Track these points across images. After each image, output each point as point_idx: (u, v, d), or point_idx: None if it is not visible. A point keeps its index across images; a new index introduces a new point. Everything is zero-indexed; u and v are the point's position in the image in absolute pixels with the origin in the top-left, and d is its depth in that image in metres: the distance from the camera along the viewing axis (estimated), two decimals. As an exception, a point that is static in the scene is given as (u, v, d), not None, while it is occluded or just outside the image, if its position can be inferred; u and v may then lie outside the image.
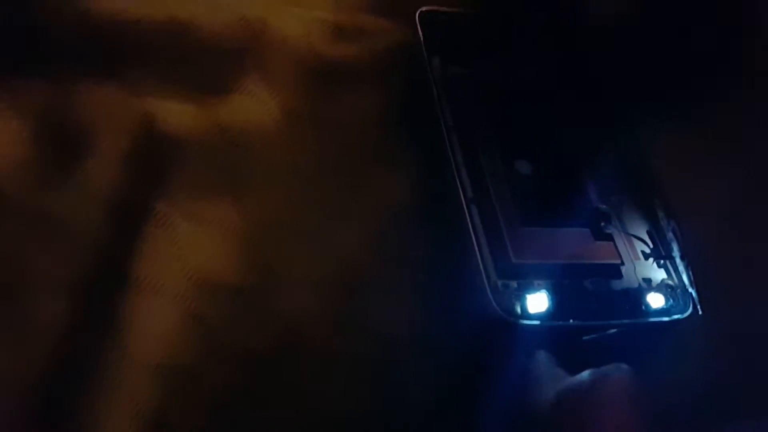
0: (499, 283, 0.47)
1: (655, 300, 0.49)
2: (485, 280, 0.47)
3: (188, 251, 0.48)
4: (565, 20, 0.61)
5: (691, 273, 0.50)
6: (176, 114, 0.51)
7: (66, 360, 0.44)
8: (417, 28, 0.58)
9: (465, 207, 0.50)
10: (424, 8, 0.59)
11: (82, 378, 0.44)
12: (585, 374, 0.39)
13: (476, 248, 0.48)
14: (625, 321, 0.48)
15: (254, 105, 0.52)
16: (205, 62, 0.53)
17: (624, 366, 0.39)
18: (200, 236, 0.49)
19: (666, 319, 0.48)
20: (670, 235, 0.52)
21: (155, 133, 0.50)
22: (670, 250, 0.52)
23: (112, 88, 0.51)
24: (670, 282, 0.50)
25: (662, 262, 0.51)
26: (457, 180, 0.51)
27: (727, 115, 0.63)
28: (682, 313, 0.49)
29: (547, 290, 0.47)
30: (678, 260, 0.51)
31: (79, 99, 0.49)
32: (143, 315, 0.46)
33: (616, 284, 0.50)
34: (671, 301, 0.49)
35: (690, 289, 0.49)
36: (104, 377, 0.44)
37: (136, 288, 0.47)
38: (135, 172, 0.50)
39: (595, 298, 0.48)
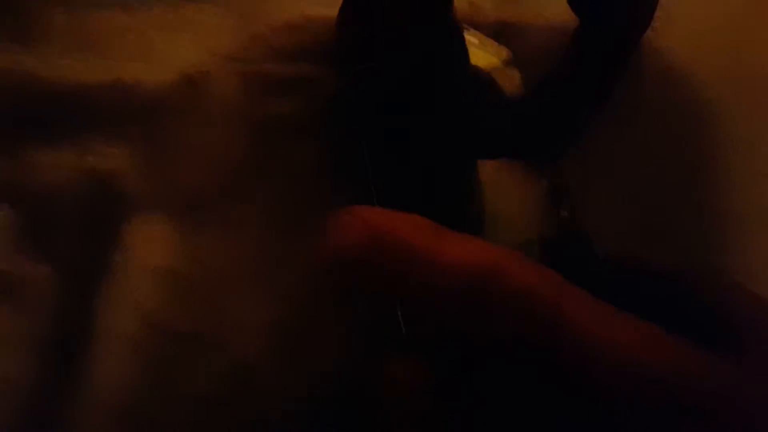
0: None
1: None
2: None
3: (145, 301, 0.53)
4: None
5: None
6: (128, 169, 0.54)
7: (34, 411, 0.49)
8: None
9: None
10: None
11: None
12: None
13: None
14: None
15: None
16: (152, 119, 0.56)
17: None
18: (156, 285, 0.53)
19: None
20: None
21: (108, 189, 0.54)
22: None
23: (66, 152, 0.54)
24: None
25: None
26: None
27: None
28: None
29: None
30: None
31: (36, 167, 0.53)
32: (107, 364, 0.51)
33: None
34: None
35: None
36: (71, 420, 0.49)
37: (99, 338, 0.51)
38: (93, 229, 0.53)
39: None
